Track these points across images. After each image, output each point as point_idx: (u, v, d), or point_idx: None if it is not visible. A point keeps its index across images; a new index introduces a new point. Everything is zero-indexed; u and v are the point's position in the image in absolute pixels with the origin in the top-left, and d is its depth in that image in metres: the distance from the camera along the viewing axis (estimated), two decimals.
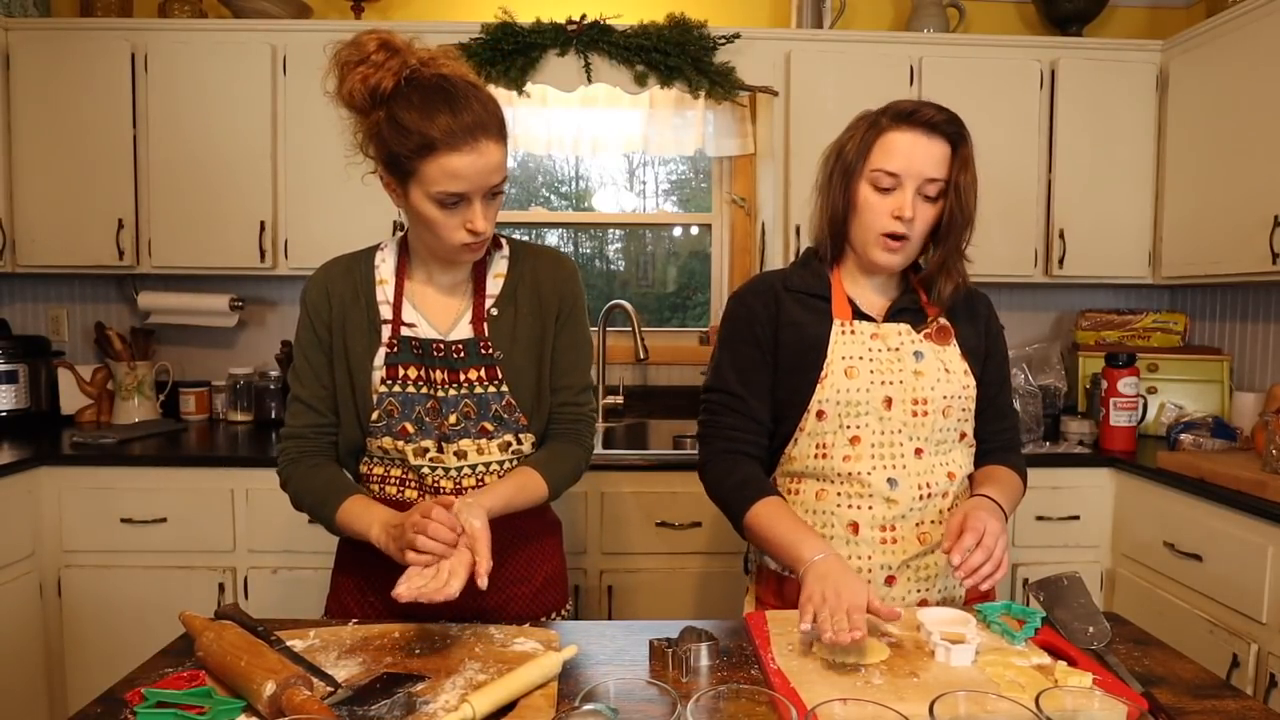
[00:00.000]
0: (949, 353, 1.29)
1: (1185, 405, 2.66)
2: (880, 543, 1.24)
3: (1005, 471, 1.33)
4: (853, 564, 1.24)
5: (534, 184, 3.26)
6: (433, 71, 1.12)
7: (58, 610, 2.24)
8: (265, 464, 2.25)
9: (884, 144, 1.23)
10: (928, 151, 1.21)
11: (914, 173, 1.21)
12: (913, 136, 1.21)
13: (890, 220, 1.22)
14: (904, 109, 1.23)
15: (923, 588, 1.26)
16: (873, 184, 1.23)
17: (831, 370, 1.25)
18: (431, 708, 0.88)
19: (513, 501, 1.18)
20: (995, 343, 1.38)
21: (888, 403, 1.24)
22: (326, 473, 1.25)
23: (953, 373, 1.28)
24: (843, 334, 1.27)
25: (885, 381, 1.25)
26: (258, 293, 2.91)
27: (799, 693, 0.91)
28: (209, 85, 2.51)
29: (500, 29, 2.50)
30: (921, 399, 1.25)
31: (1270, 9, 2.18)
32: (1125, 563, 2.30)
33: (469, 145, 1.09)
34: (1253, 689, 1.81)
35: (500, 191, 1.17)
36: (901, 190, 1.21)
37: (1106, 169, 2.64)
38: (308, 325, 1.26)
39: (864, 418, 1.25)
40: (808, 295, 1.31)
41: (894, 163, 1.21)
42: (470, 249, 1.18)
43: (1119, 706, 0.77)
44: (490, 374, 1.23)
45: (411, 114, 1.09)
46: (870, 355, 1.26)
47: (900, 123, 1.22)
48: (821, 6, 2.72)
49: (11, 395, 2.57)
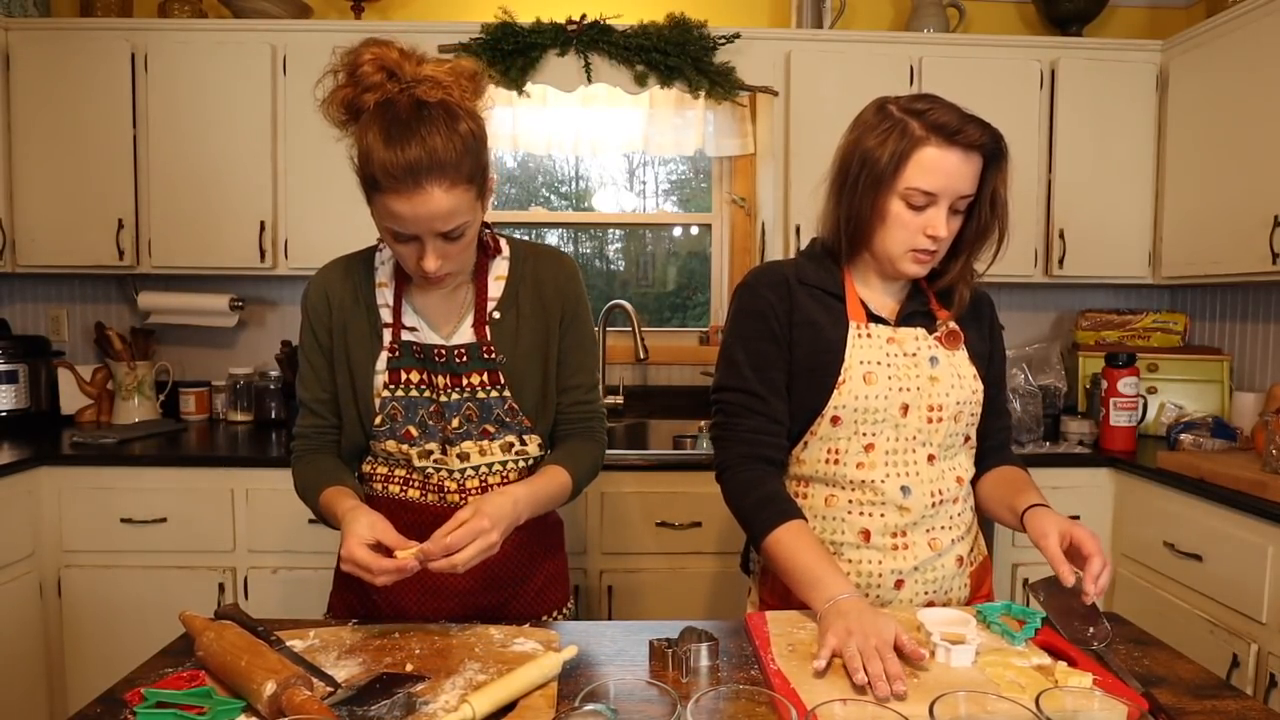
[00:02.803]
0: (959, 357, 1.27)
1: (1185, 405, 2.66)
2: (891, 549, 1.22)
3: (1024, 476, 1.32)
4: (863, 568, 1.22)
5: (534, 184, 3.26)
6: (411, 96, 1.05)
7: (58, 610, 2.24)
8: (265, 464, 2.25)
9: (920, 161, 1.15)
10: (965, 170, 1.16)
11: (951, 191, 1.16)
12: (953, 155, 1.15)
13: (923, 238, 1.18)
14: (947, 125, 1.14)
15: (930, 590, 1.25)
16: (906, 200, 1.17)
17: (850, 375, 1.21)
18: (431, 708, 0.88)
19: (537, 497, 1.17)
20: (997, 342, 1.37)
21: (904, 410, 1.21)
22: (318, 466, 1.25)
23: (964, 378, 1.25)
24: (860, 337, 1.23)
25: (903, 388, 1.22)
26: (258, 293, 2.91)
27: (799, 693, 0.91)
28: (209, 85, 2.51)
29: (500, 29, 2.50)
30: (937, 405, 1.22)
31: (1270, 9, 2.18)
32: (1125, 563, 2.30)
33: (410, 190, 1.03)
34: (1253, 689, 1.81)
35: (460, 235, 1.10)
36: (936, 208, 1.17)
37: (1106, 169, 2.64)
38: (309, 329, 1.26)
39: (880, 425, 1.21)
40: (821, 291, 1.26)
41: (932, 182, 1.15)
42: (429, 281, 1.14)
43: (1119, 706, 0.77)
44: (492, 378, 1.23)
45: (367, 142, 1.05)
46: (888, 361, 1.22)
47: (940, 139, 1.15)
48: (821, 6, 2.72)
49: (11, 395, 2.57)
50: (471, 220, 1.11)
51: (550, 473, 1.22)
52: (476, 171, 1.09)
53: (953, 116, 1.16)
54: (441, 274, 1.13)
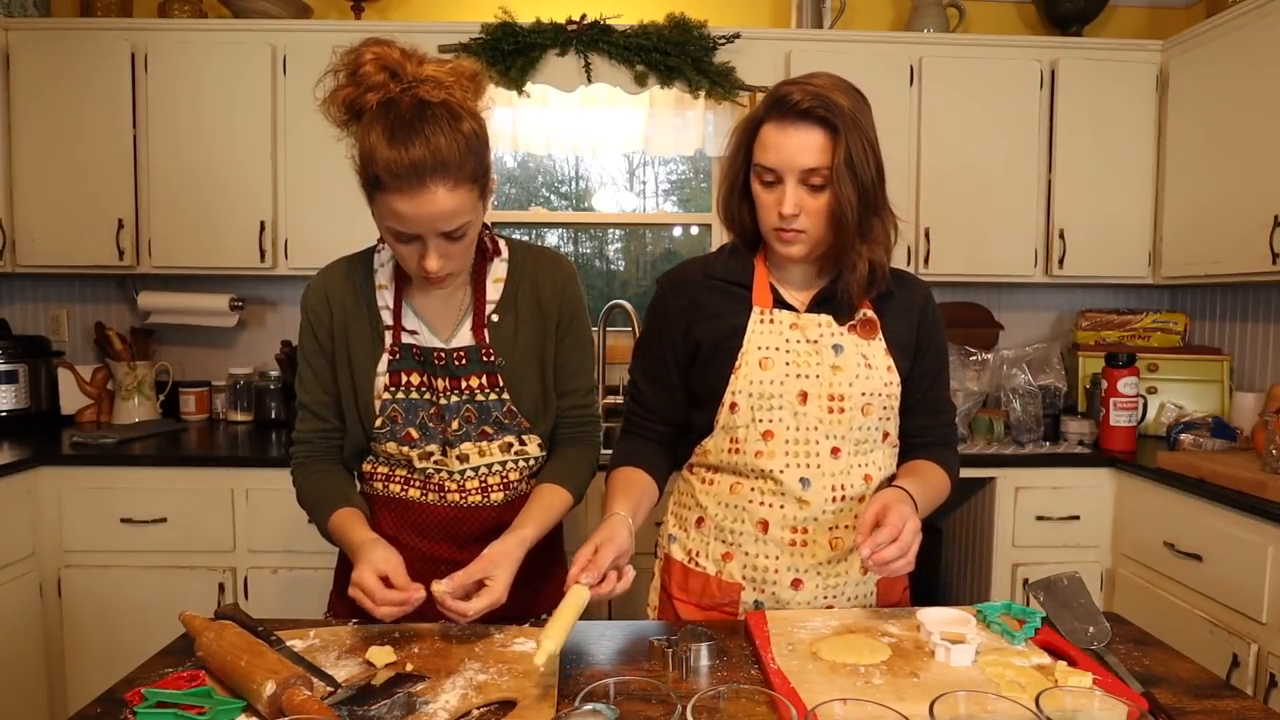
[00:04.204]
0: (873, 347, 1.22)
1: (1185, 405, 2.66)
2: (789, 544, 1.21)
3: (930, 466, 1.26)
4: (759, 563, 1.22)
5: (534, 184, 3.26)
6: (413, 96, 1.05)
7: (58, 610, 2.24)
8: (265, 464, 2.25)
9: (762, 139, 1.16)
10: (800, 142, 1.12)
11: (790, 165, 1.13)
12: (783, 128, 1.13)
13: (778, 216, 1.16)
14: (781, 100, 1.14)
15: (830, 595, 1.23)
16: (759, 179, 1.18)
17: (746, 360, 1.20)
18: (431, 708, 0.88)
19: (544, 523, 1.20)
20: (930, 334, 1.29)
21: (803, 397, 1.19)
22: (326, 481, 1.25)
23: (875, 369, 1.21)
24: (761, 323, 1.22)
25: (801, 375, 1.19)
26: (258, 293, 2.91)
27: (799, 693, 0.91)
28: (209, 85, 2.51)
29: (500, 29, 2.50)
30: (838, 395, 1.19)
31: (1270, 9, 2.18)
32: (1125, 563, 2.30)
33: (413, 189, 1.03)
34: (1253, 689, 1.81)
35: (461, 235, 1.10)
36: (784, 185, 1.15)
37: (1106, 169, 2.64)
38: (309, 332, 1.26)
39: (778, 412, 1.19)
40: (729, 284, 1.26)
41: (769, 157, 1.15)
42: (429, 282, 1.15)
43: (1119, 706, 0.77)
44: (491, 381, 1.23)
45: (369, 141, 1.05)
46: (787, 346, 1.20)
47: (771, 114, 1.15)
48: (821, 6, 2.72)
49: (11, 395, 2.57)
50: (473, 220, 1.11)
51: (551, 497, 1.23)
52: (479, 171, 1.09)
53: (793, 90, 1.13)
54: (443, 274, 1.13)
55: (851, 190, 1.12)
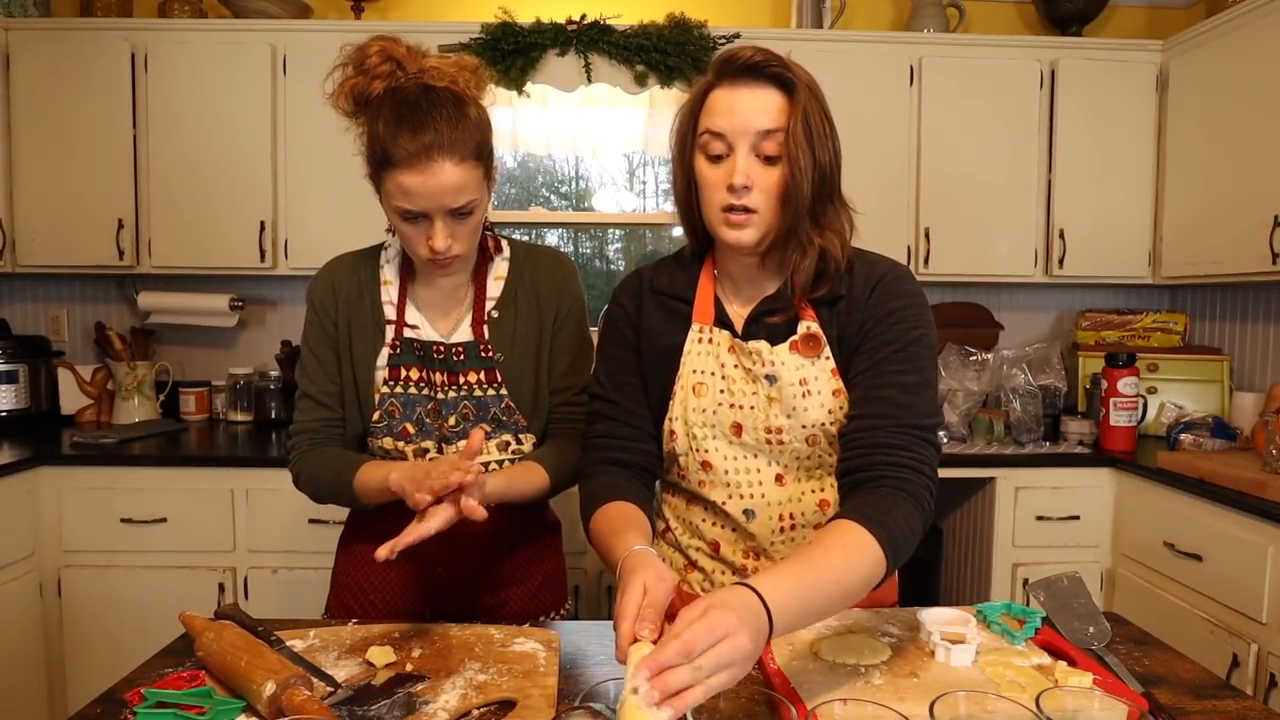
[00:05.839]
0: (818, 368, 1.07)
1: (1185, 405, 2.66)
2: (741, 568, 1.14)
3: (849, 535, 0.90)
4: (715, 578, 1.16)
5: (534, 184, 3.26)
6: (418, 83, 1.11)
7: (58, 610, 2.24)
8: (265, 464, 2.25)
9: (709, 107, 1.04)
10: (753, 103, 1.01)
11: (742, 128, 1.01)
12: (734, 90, 1.02)
13: (726, 193, 1.02)
14: (721, 58, 1.04)
15: None
16: (704, 152, 1.05)
17: (681, 385, 1.12)
18: (431, 708, 0.88)
19: (513, 483, 1.17)
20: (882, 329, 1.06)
21: (736, 429, 1.09)
22: (339, 454, 1.24)
23: (816, 394, 1.06)
24: (699, 343, 1.12)
25: (735, 405, 1.09)
26: (258, 293, 2.91)
27: (799, 693, 0.91)
28: (209, 85, 2.51)
29: (500, 29, 2.50)
30: (775, 429, 1.07)
31: (1270, 9, 2.18)
32: (1125, 563, 2.30)
33: (421, 164, 1.07)
34: (1253, 689, 1.81)
35: (468, 213, 1.13)
36: (735, 154, 1.02)
37: (1106, 169, 2.64)
38: (315, 322, 1.27)
39: (713, 442, 1.10)
40: (669, 297, 1.16)
41: (719, 121, 1.02)
42: (436, 264, 1.16)
43: (1119, 706, 0.77)
44: (489, 377, 1.23)
45: (378, 125, 1.09)
46: (723, 372, 1.10)
47: (721, 78, 1.04)
48: (821, 6, 2.72)
49: (11, 395, 2.57)
50: (479, 200, 1.14)
51: (531, 473, 1.22)
52: (484, 151, 1.14)
53: (741, 48, 1.04)
54: (449, 256, 1.14)
55: (809, 162, 1.00)
